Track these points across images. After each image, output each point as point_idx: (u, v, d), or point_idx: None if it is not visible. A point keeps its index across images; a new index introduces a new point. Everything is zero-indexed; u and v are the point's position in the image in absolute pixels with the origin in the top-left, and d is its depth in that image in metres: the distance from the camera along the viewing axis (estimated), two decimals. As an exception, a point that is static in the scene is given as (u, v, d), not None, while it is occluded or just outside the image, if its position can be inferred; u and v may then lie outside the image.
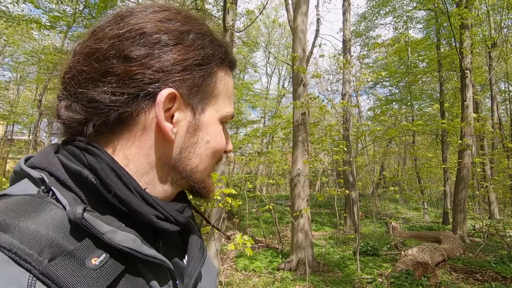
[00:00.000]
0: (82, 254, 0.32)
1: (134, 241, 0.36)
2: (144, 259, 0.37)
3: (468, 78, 8.29)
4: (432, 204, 15.68)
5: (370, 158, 9.86)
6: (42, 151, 0.42)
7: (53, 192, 0.36)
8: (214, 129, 0.47)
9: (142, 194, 0.40)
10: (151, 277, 0.39)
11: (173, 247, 0.47)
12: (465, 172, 8.09)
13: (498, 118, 13.84)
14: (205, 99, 0.45)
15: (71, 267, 0.31)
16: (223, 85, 0.48)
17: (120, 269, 0.34)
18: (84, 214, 0.34)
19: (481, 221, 8.53)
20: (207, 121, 0.46)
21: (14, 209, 0.33)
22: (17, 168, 0.40)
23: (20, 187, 0.38)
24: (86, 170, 0.38)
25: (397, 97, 15.94)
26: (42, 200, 0.35)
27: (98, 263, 0.33)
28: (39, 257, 0.30)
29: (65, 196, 0.36)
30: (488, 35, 12.01)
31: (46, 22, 8.88)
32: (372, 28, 16.45)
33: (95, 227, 0.33)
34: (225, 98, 0.49)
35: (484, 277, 4.97)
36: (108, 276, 0.33)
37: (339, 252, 6.57)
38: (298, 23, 6.00)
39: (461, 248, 6.45)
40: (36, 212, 0.33)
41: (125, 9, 0.44)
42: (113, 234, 0.34)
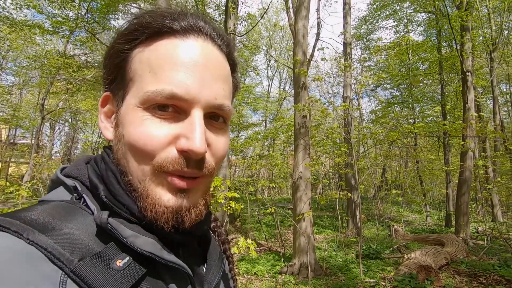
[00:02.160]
0: (108, 256, 0.35)
1: (154, 245, 0.38)
2: (164, 263, 0.38)
3: (470, 80, 8.28)
4: (434, 206, 15.60)
5: (372, 161, 9.84)
6: (75, 162, 0.45)
7: (84, 199, 0.40)
8: (128, 118, 0.39)
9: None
10: (171, 281, 0.40)
11: (193, 255, 0.48)
12: (467, 175, 8.05)
13: (500, 120, 13.80)
14: (125, 88, 0.41)
15: (98, 267, 0.33)
16: (140, 62, 0.39)
17: (142, 272, 0.36)
18: (109, 219, 0.36)
19: (484, 223, 8.47)
20: (123, 111, 0.40)
21: (51, 213, 0.36)
22: (54, 177, 0.43)
23: (56, 193, 0.41)
24: (102, 185, 0.40)
25: (399, 100, 15.94)
26: (74, 206, 0.38)
27: (122, 265, 0.35)
28: (70, 256, 0.32)
29: (94, 203, 0.39)
30: (489, 37, 12.02)
31: (49, 27, 8.97)
32: (373, 31, 16.50)
33: (118, 231, 0.36)
34: (146, 74, 0.38)
35: (488, 281, 4.92)
36: (131, 278, 0.35)
37: (342, 256, 6.53)
38: (299, 27, 6.03)
39: (464, 251, 6.41)
40: (70, 217, 0.36)
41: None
42: (135, 239, 0.36)
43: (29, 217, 0.34)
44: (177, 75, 0.37)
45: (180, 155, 0.37)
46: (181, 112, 0.38)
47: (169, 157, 0.37)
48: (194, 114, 0.38)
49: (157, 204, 0.37)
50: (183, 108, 0.38)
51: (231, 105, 0.43)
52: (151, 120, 0.37)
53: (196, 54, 0.39)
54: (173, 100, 0.37)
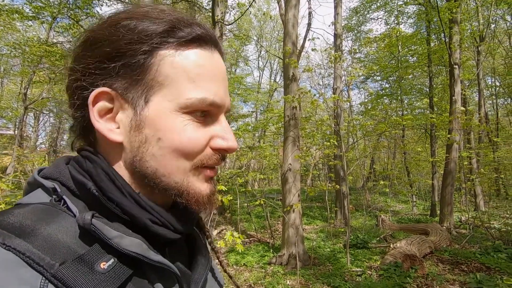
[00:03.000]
0: (92, 258, 0.34)
1: (140, 246, 0.37)
2: (150, 264, 0.38)
3: (457, 73, 8.40)
4: (420, 197, 16.01)
5: (360, 152, 9.96)
6: (54, 163, 0.44)
7: (64, 201, 0.38)
8: (165, 123, 0.40)
9: (136, 197, 0.40)
10: (157, 282, 0.40)
11: (180, 254, 0.48)
12: (452, 166, 8.25)
13: (484, 113, 14.15)
14: (148, 90, 0.40)
15: (81, 271, 0.32)
16: (173, 67, 0.40)
17: (128, 273, 0.36)
18: (93, 220, 0.35)
19: (467, 213, 8.75)
20: (153, 114, 0.40)
21: (29, 217, 0.35)
22: (31, 179, 0.42)
23: (33, 196, 0.40)
24: (90, 181, 0.39)
25: (388, 92, 16.09)
26: (54, 208, 0.37)
27: (106, 267, 0.34)
28: (51, 260, 0.32)
29: (75, 204, 0.38)
30: (476, 30, 12.18)
31: (29, 13, 8.56)
32: (364, 23, 16.48)
33: (103, 233, 0.35)
34: (183, 81, 0.40)
35: (469, 268, 5.10)
36: (116, 280, 0.34)
37: (330, 246, 6.64)
38: (289, 17, 5.94)
39: (447, 240, 6.61)
40: (49, 219, 0.35)
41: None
42: (120, 239, 0.36)
43: (5, 221, 0.33)
44: (213, 85, 0.42)
45: (215, 152, 0.43)
46: (211, 117, 0.44)
47: (207, 154, 0.43)
48: (222, 118, 0.44)
49: (199, 195, 0.42)
50: (214, 114, 0.44)
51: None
52: (192, 125, 0.41)
53: (221, 67, 0.45)
54: (211, 107, 0.42)
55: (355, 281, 4.58)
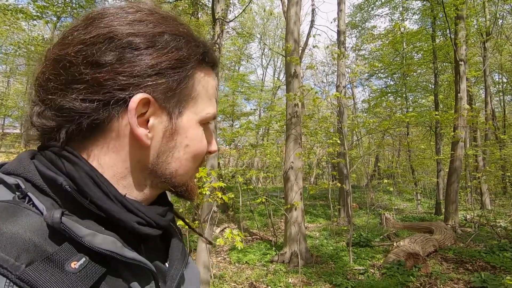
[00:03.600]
0: (61, 258, 0.32)
1: (114, 243, 0.36)
2: (125, 261, 0.37)
3: (462, 70, 8.27)
4: (425, 195, 15.87)
5: (364, 150, 9.87)
6: (16, 158, 0.41)
7: (29, 198, 0.36)
8: (193, 132, 0.45)
9: (123, 201, 0.39)
10: (132, 279, 0.39)
11: (155, 250, 0.47)
12: (457, 164, 8.15)
13: (491, 110, 13.91)
14: (182, 102, 0.44)
15: (49, 272, 0.31)
16: (202, 86, 0.46)
17: (100, 272, 0.35)
18: (62, 218, 0.33)
19: (472, 211, 8.64)
20: (185, 124, 0.45)
21: None
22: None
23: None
24: (61, 176, 0.37)
25: (392, 89, 15.92)
26: (17, 206, 0.35)
27: (77, 266, 0.33)
28: (15, 262, 0.30)
29: (42, 202, 0.36)
30: (483, 26, 11.98)
31: (34, 12, 8.62)
32: (368, 19, 16.31)
33: (73, 231, 0.33)
34: (205, 99, 0.47)
35: (474, 267, 5.04)
36: (89, 279, 0.33)
37: (333, 244, 6.62)
38: (291, 14, 5.89)
39: (452, 238, 6.54)
40: (12, 218, 0.33)
41: (96, 11, 0.42)
42: (92, 237, 0.34)
43: None
44: (215, 104, 0.50)
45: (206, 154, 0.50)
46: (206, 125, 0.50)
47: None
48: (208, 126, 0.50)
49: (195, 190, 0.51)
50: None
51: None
52: (203, 134, 0.47)
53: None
54: (213, 119, 0.50)
55: (358, 280, 4.55)
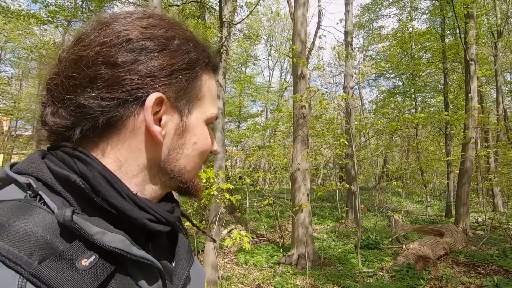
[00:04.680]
0: (72, 256, 0.33)
1: (123, 242, 0.37)
2: (133, 259, 0.37)
3: (473, 69, 8.13)
4: (435, 197, 15.59)
5: (372, 151, 9.76)
6: (28, 157, 0.43)
7: (40, 197, 0.37)
8: (200, 130, 0.48)
9: (134, 199, 0.41)
10: (140, 277, 0.40)
11: (162, 249, 0.48)
12: (468, 165, 8.00)
13: (503, 110, 13.61)
14: (192, 102, 0.47)
15: (61, 269, 0.32)
16: (207, 87, 0.50)
17: (110, 270, 0.35)
18: (73, 217, 0.34)
19: (484, 214, 8.46)
20: (194, 123, 0.47)
21: (4, 214, 0.33)
22: (2, 175, 0.40)
23: (5, 192, 0.38)
24: (74, 174, 0.38)
25: (401, 90, 15.73)
26: (29, 205, 0.35)
27: (88, 264, 0.34)
28: (28, 259, 0.31)
29: (53, 200, 0.37)
30: (494, 24, 11.75)
31: (45, 17, 8.82)
32: (375, 20, 16.17)
33: (84, 229, 0.34)
34: (210, 100, 0.50)
35: (486, 271, 4.93)
36: (98, 277, 0.34)
37: (341, 246, 6.56)
38: (297, 15, 5.89)
39: (463, 241, 6.41)
40: (24, 216, 0.34)
41: (109, 16, 0.45)
42: (102, 236, 0.35)
43: None
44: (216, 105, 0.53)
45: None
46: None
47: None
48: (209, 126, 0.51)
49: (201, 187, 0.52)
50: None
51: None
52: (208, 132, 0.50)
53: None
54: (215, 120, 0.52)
55: (366, 282, 4.50)
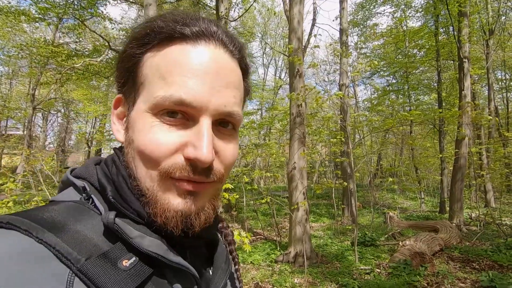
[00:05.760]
0: (115, 256, 0.35)
1: (160, 246, 0.38)
2: (170, 265, 0.38)
3: (466, 67, 8.21)
4: (428, 193, 15.79)
5: (367, 149, 9.83)
6: (85, 163, 0.46)
7: (92, 199, 0.40)
8: (137, 124, 0.39)
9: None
10: (175, 282, 0.40)
11: (200, 257, 0.48)
12: (462, 162, 8.10)
13: (494, 107, 13.83)
14: (135, 92, 0.41)
15: (104, 267, 0.33)
16: (149, 66, 0.40)
17: (148, 273, 0.36)
18: (116, 219, 0.37)
19: (477, 209, 8.59)
20: (133, 116, 0.41)
21: (60, 213, 0.37)
22: (64, 178, 0.44)
23: (66, 194, 0.42)
24: (110, 185, 0.41)
25: (395, 87, 15.85)
26: (83, 206, 0.39)
27: (128, 265, 0.35)
28: (77, 255, 0.33)
29: (102, 204, 0.40)
30: (486, 23, 11.89)
31: (36, 14, 8.63)
32: (370, 17, 16.22)
33: (125, 232, 0.36)
34: (156, 79, 0.38)
35: (481, 266, 5.00)
36: (137, 278, 0.35)
37: (337, 243, 6.59)
38: (294, 13, 5.86)
39: (458, 237, 6.49)
40: (78, 216, 0.37)
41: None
42: (141, 239, 0.37)
43: (38, 217, 0.35)
44: (186, 81, 0.37)
45: (187, 162, 0.38)
46: (190, 119, 0.39)
47: (176, 163, 0.37)
48: (202, 121, 0.38)
49: (167, 209, 0.38)
50: (191, 115, 0.38)
51: (242, 112, 0.44)
52: (160, 127, 0.38)
53: (206, 61, 0.39)
54: (182, 107, 0.37)
55: (364, 279, 4.52)
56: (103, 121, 19.53)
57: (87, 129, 22.81)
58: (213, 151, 0.38)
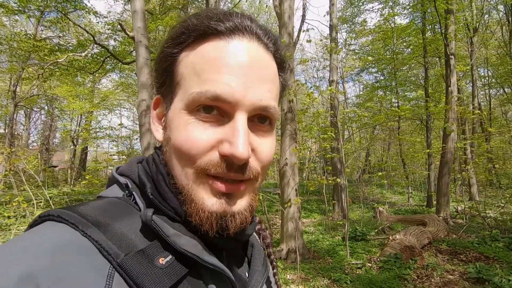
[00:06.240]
0: (152, 253, 0.35)
1: (196, 246, 0.37)
2: (205, 265, 0.38)
3: (453, 64, 8.37)
4: (416, 187, 16.14)
5: (356, 145, 9.94)
6: (129, 161, 0.48)
7: (133, 197, 0.42)
8: (175, 122, 0.40)
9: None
10: (211, 282, 0.40)
11: (237, 259, 0.48)
12: (448, 156, 8.28)
13: (478, 103, 14.23)
14: (173, 92, 0.42)
15: (142, 263, 0.34)
16: (186, 65, 0.40)
17: (183, 272, 0.36)
18: (153, 217, 0.37)
19: (463, 203, 8.82)
20: (171, 114, 0.42)
21: (104, 209, 0.38)
22: (110, 176, 0.47)
23: (111, 190, 0.45)
24: (150, 183, 0.42)
25: (382, 84, 16.06)
26: (125, 203, 0.41)
27: (165, 263, 0.35)
28: (117, 250, 0.33)
29: (142, 201, 0.41)
30: (470, 20, 12.16)
31: (15, 7, 8.26)
32: (358, 14, 16.33)
33: (162, 230, 0.37)
34: (192, 77, 0.39)
35: (468, 258, 5.13)
36: (173, 277, 0.35)
37: (329, 239, 6.63)
38: (284, 8, 5.80)
39: (445, 230, 6.64)
40: (120, 213, 0.38)
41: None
42: (177, 238, 0.37)
43: (84, 212, 0.36)
44: (221, 77, 0.37)
45: (222, 159, 0.37)
46: (225, 115, 0.38)
47: (212, 160, 0.37)
48: (237, 117, 0.38)
49: (201, 209, 0.38)
50: (227, 111, 0.38)
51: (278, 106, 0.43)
52: (195, 124, 0.38)
53: (241, 55, 0.38)
54: (217, 102, 0.37)
55: (356, 274, 4.56)
56: (89, 118, 19.01)
57: (72, 127, 22.16)
58: (249, 147, 0.37)
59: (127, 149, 19.77)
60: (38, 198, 4.78)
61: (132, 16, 4.56)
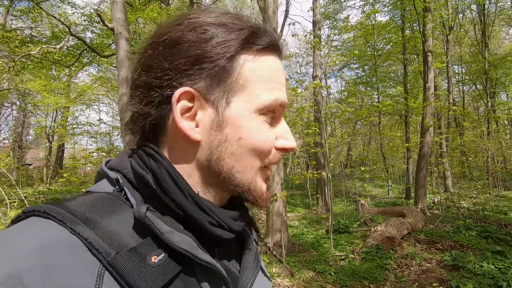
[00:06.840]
0: (144, 251, 0.35)
1: (190, 243, 0.37)
2: (199, 262, 0.38)
3: (430, 61, 8.66)
4: (395, 180, 16.72)
5: (339, 140, 10.16)
6: (119, 155, 0.47)
7: (124, 192, 0.40)
8: (246, 123, 0.42)
9: (195, 199, 0.41)
10: (204, 280, 0.40)
11: (229, 254, 0.48)
12: (426, 150, 8.61)
13: (452, 99, 14.86)
14: (229, 91, 0.42)
15: (133, 262, 0.33)
16: (251, 70, 0.43)
17: (176, 270, 0.36)
18: (147, 213, 0.36)
19: (439, 194, 9.22)
20: (235, 115, 0.42)
21: (93, 205, 0.37)
22: (99, 169, 0.45)
23: (100, 185, 0.43)
24: (149, 174, 0.41)
25: (364, 80, 16.41)
26: (115, 199, 0.39)
27: (157, 261, 0.35)
28: (108, 249, 0.33)
29: (134, 196, 0.40)
30: (446, 19, 12.62)
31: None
32: (340, 11, 16.53)
33: (156, 226, 0.36)
34: (259, 84, 0.43)
35: (444, 246, 5.38)
36: (166, 275, 0.34)
37: (313, 232, 6.75)
38: (268, 1, 5.76)
39: (423, 220, 6.93)
40: (110, 209, 0.37)
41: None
42: (171, 235, 0.36)
43: (73, 207, 0.35)
44: (281, 89, 0.45)
45: (278, 151, 0.45)
46: (275, 118, 0.46)
47: (274, 153, 0.45)
48: (283, 119, 0.47)
49: (261, 193, 0.45)
50: (279, 114, 0.46)
51: None
52: (265, 125, 0.43)
53: (283, 72, 0.48)
54: (281, 107, 0.45)
55: (340, 265, 4.67)
56: (65, 114, 18.21)
57: (47, 123, 21.16)
58: None
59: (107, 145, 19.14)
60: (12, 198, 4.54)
61: (112, 6, 4.37)
